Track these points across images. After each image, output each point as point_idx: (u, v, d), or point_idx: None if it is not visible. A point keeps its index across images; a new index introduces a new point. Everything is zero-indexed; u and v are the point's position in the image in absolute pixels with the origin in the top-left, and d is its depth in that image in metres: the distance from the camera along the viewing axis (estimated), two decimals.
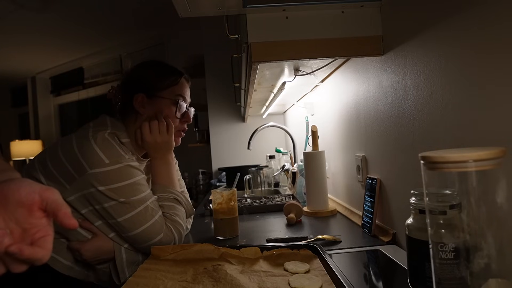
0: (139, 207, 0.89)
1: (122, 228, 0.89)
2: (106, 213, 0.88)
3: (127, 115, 1.03)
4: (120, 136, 0.96)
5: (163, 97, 1.02)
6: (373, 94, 1.00)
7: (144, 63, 1.08)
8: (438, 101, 0.69)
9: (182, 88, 1.05)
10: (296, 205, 1.24)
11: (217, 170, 2.97)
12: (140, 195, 0.90)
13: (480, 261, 0.42)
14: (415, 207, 0.57)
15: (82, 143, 0.87)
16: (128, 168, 0.90)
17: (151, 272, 0.74)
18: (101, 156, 0.86)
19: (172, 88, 1.03)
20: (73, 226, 0.45)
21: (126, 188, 0.89)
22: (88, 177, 0.86)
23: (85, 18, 3.53)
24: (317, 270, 0.71)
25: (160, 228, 0.92)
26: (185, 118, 1.07)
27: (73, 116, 5.31)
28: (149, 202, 0.92)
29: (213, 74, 3.02)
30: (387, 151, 0.95)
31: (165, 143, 1.02)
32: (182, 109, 1.05)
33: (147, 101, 1.01)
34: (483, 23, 0.55)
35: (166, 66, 1.07)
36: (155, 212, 0.92)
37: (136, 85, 1.03)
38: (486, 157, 0.39)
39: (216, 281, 0.68)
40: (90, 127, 0.94)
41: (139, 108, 1.01)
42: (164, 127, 1.01)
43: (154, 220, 0.91)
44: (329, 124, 1.47)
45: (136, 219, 0.89)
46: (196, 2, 0.88)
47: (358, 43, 0.93)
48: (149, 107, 1.01)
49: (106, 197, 0.87)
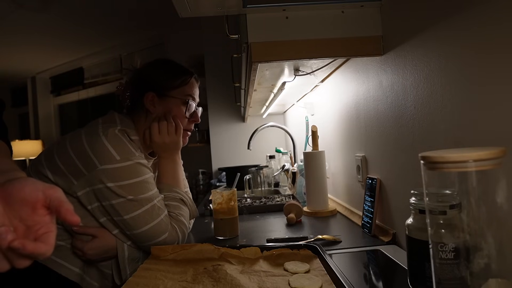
0: (146, 205, 0.89)
1: (128, 225, 0.89)
2: (113, 210, 0.88)
3: (136, 113, 1.03)
4: (130, 133, 0.96)
5: (174, 97, 1.03)
6: (373, 94, 1.00)
7: (155, 62, 1.08)
8: (438, 101, 0.69)
9: (192, 88, 1.06)
10: (296, 205, 1.24)
11: (217, 170, 2.97)
12: (148, 193, 0.90)
13: (480, 261, 0.42)
14: (415, 207, 0.57)
15: (92, 139, 0.87)
16: (138, 165, 0.90)
17: (151, 272, 0.74)
18: (112, 153, 0.87)
19: (182, 88, 1.04)
20: (76, 222, 0.47)
21: (135, 186, 0.89)
22: (98, 173, 0.85)
23: (85, 18, 3.53)
24: (317, 270, 0.71)
25: (165, 227, 0.92)
26: (193, 118, 1.09)
27: (73, 116, 5.31)
28: (156, 200, 0.92)
29: (213, 74, 3.02)
30: (387, 151, 0.95)
31: (173, 144, 1.03)
32: (191, 109, 1.06)
33: (157, 100, 1.02)
34: (483, 23, 0.55)
35: (177, 65, 1.08)
36: (161, 211, 0.92)
37: (147, 84, 1.03)
38: (486, 157, 0.39)
39: (216, 281, 0.68)
40: (99, 123, 0.94)
41: (149, 107, 1.01)
42: (173, 128, 1.02)
43: (160, 219, 0.91)
44: (329, 124, 1.47)
45: (142, 217, 0.89)
46: (196, 2, 0.88)
47: (358, 43, 0.93)
48: (159, 106, 1.02)
49: (115, 194, 0.86)
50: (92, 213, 0.90)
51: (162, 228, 0.91)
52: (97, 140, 0.87)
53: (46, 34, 3.88)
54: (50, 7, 3.21)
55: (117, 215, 0.88)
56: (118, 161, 0.87)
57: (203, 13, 0.95)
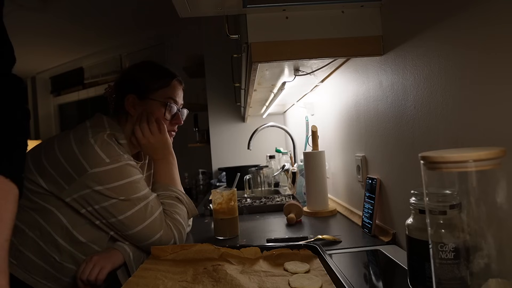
0: (139, 204, 0.90)
1: (122, 226, 0.89)
2: (106, 212, 0.88)
3: (119, 115, 1.04)
4: (118, 137, 0.97)
5: (153, 99, 1.03)
6: (373, 94, 1.00)
7: (138, 64, 1.09)
8: (438, 101, 0.69)
9: (173, 91, 1.06)
10: (296, 205, 1.24)
11: (217, 170, 2.97)
12: (140, 193, 0.91)
13: (480, 261, 0.42)
14: (415, 207, 0.57)
15: (82, 144, 0.88)
16: (128, 166, 0.91)
17: (151, 272, 0.74)
18: (101, 156, 0.87)
19: (163, 90, 1.04)
20: None
21: (127, 186, 0.89)
22: (88, 177, 0.86)
23: (85, 18, 3.53)
24: (317, 270, 0.71)
25: (159, 226, 0.92)
26: (175, 120, 1.08)
27: (73, 116, 5.31)
28: (150, 199, 0.93)
29: (213, 74, 3.02)
30: (387, 151, 0.95)
31: (161, 143, 1.02)
32: (172, 111, 1.06)
33: (137, 102, 1.02)
34: (483, 23, 0.55)
35: (159, 67, 1.07)
36: (154, 209, 0.93)
37: (128, 86, 1.03)
38: (486, 157, 0.39)
39: (216, 281, 0.68)
40: (88, 128, 0.94)
41: (129, 109, 1.02)
42: (155, 127, 1.01)
43: (154, 218, 0.91)
44: (329, 124, 1.47)
45: (135, 217, 0.89)
46: (196, 2, 0.88)
47: (358, 43, 0.93)
48: (139, 108, 1.02)
49: (107, 196, 0.87)
50: (86, 217, 0.90)
51: (157, 226, 0.91)
52: (87, 145, 0.88)
53: (46, 34, 3.88)
54: (50, 7, 3.21)
55: (111, 216, 0.88)
56: (108, 163, 0.87)
57: (203, 13, 0.95)
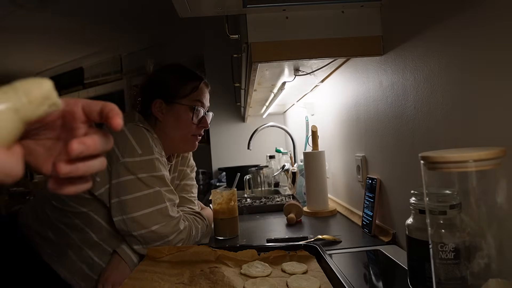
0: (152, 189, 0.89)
1: (125, 207, 0.86)
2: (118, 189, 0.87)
3: (146, 118, 1.03)
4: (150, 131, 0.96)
5: (181, 104, 1.03)
6: (373, 94, 1.00)
7: (165, 68, 1.09)
8: (438, 101, 0.69)
9: (201, 94, 1.06)
10: (296, 205, 1.24)
11: (217, 170, 2.97)
12: (159, 186, 0.90)
13: (480, 261, 0.42)
14: (415, 207, 0.57)
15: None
16: (157, 161, 0.91)
17: (147, 274, 0.74)
18: (134, 146, 0.88)
19: (191, 94, 1.04)
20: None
21: (151, 178, 0.89)
22: (119, 166, 0.86)
23: (85, 18, 3.52)
24: (315, 271, 0.70)
25: (166, 216, 0.88)
26: (202, 124, 1.08)
27: None
28: (164, 190, 0.91)
29: (213, 74, 3.02)
30: (387, 151, 0.95)
31: None
32: (199, 115, 1.06)
33: (165, 107, 1.02)
34: (483, 23, 0.55)
35: (186, 71, 1.08)
36: (166, 200, 0.90)
37: (156, 90, 1.03)
38: (486, 157, 0.39)
39: (213, 283, 0.67)
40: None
41: (157, 114, 1.02)
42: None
43: (164, 206, 0.89)
44: (329, 124, 1.47)
45: (144, 200, 0.87)
46: (196, 2, 0.88)
47: (358, 43, 0.93)
48: (167, 113, 1.02)
49: (133, 186, 0.87)
50: (112, 209, 0.88)
51: (162, 215, 0.88)
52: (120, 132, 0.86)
53: (46, 34, 3.87)
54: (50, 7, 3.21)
55: (118, 195, 0.87)
56: (140, 155, 0.88)
57: (203, 13, 0.95)
